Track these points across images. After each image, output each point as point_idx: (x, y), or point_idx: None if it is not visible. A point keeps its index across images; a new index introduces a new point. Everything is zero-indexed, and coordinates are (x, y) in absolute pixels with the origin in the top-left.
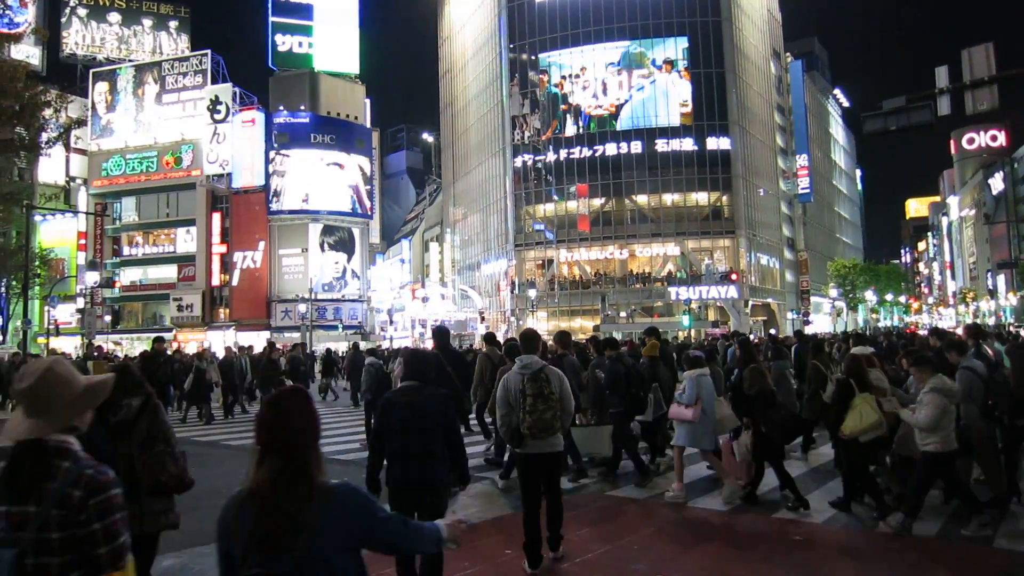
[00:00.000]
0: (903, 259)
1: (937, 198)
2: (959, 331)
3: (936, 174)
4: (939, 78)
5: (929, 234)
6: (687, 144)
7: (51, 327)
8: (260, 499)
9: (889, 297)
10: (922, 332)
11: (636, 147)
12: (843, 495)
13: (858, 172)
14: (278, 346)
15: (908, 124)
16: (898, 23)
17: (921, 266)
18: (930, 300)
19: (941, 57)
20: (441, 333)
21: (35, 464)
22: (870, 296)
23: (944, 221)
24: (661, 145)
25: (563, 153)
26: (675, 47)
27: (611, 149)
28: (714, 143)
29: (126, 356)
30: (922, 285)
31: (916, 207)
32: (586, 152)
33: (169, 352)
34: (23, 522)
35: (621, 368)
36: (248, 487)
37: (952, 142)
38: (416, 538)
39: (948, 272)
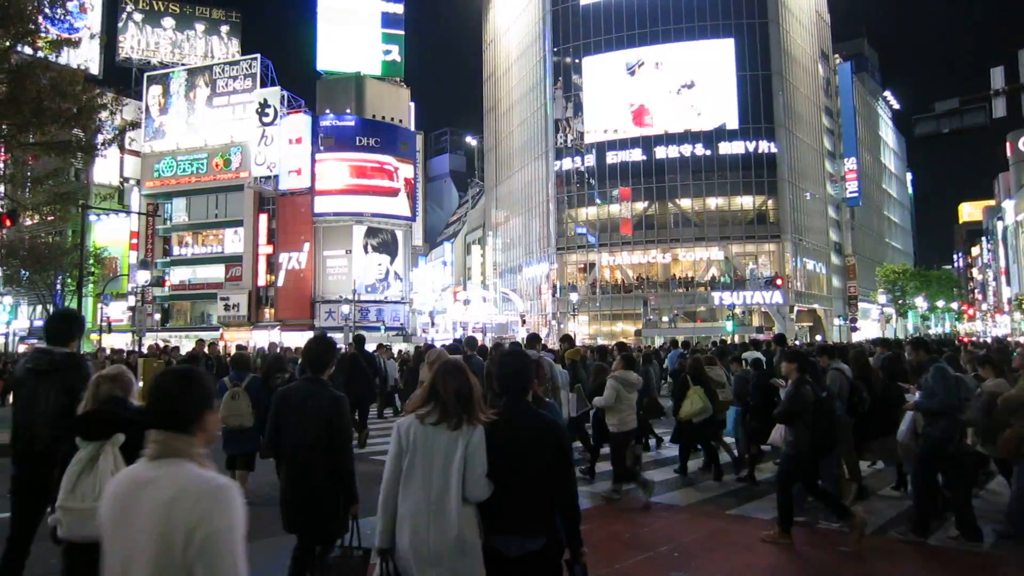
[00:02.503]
0: (956, 265)
1: (992, 202)
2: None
3: (991, 177)
4: (994, 79)
5: (983, 239)
6: (732, 147)
7: (103, 324)
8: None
9: (941, 304)
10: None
11: (680, 150)
12: (707, 463)
13: (909, 176)
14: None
15: (961, 127)
16: (951, 23)
17: (975, 272)
18: (984, 307)
19: (996, 57)
20: (358, 339)
21: None
22: (920, 303)
23: (999, 226)
24: (705, 148)
25: (606, 156)
26: (721, 49)
27: (654, 152)
28: (760, 146)
29: (175, 350)
30: (976, 291)
31: (970, 211)
32: (629, 155)
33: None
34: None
35: None
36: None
37: (1008, 145)
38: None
39: (1003, 278)
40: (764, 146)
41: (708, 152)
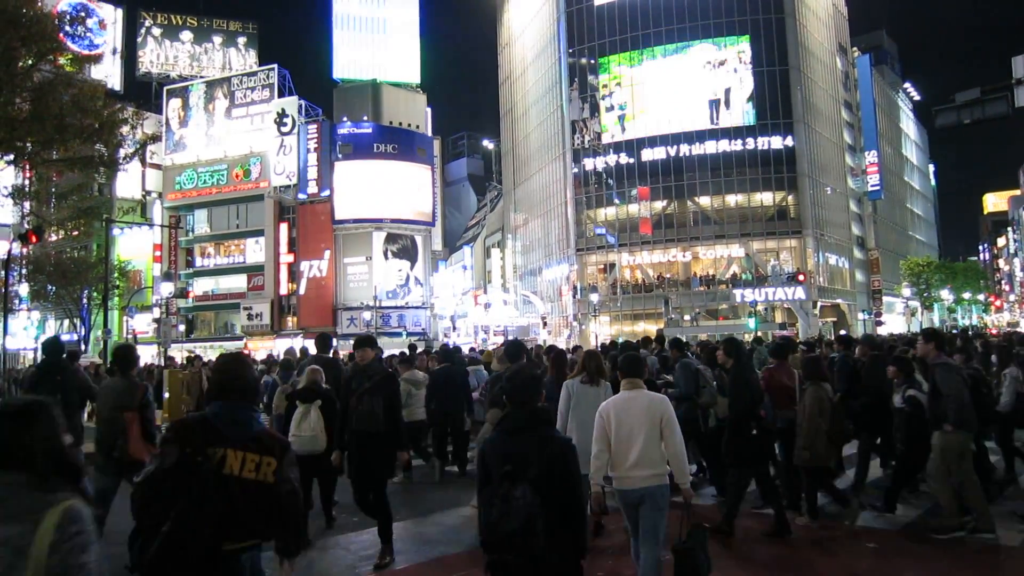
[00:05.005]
0: (981, 256)
1: (1017, 191)
2: None
3: (1015, 167)
4: (1016, 68)
5: (1009, 229)
6: (750, 144)
7: (129, 336)
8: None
9: (967, 296)
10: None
11: (698, 148)
12: None
13: (931, 167)
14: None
15: (983, 117)
16: (972, 11)
17: (1001, 263)
18: (1011, 298)
19: (1018, 46)
20: (322, 338)
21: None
22: (946, 295)
23: None
24: (724, 145)
25: (624, 156)
26: (738, 46)
27: (672, 151)
28: (779, 142)
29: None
30: (1002, 282)
31: (994, 202)
32: (647, 154)
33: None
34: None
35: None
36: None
37: None
38: None
39: None
40: (783, 141)
41: (726, 149)
